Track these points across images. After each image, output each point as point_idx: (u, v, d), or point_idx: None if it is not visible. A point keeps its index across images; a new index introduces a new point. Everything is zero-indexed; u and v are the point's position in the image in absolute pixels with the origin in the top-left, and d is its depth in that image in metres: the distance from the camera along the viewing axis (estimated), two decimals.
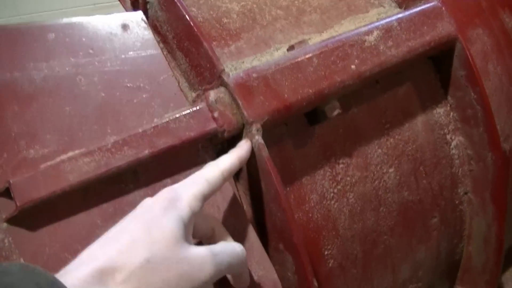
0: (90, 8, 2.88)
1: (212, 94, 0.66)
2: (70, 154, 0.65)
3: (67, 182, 0.62)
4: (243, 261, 0.58)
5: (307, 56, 0.70)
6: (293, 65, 0.69)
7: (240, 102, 0.65)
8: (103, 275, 0.47)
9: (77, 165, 0.64)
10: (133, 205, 0.66)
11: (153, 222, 0.51)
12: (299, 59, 0.69)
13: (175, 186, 0.57)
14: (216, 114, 0.65)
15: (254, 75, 0.66)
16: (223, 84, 0.66)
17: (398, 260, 0.81)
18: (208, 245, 0.54)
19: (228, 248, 0.56)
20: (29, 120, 0.67)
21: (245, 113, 0.65)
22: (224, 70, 0.66)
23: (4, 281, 0.43)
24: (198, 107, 0.65)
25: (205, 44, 0.66)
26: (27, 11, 2.80)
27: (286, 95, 0.67)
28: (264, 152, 0.65)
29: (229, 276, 0.63)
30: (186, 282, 0.50)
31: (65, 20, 0.71)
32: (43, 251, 0.64)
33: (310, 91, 0.69)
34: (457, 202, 0.87)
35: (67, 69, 0.68)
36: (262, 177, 0.66)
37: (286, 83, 0.68)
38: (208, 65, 0.67)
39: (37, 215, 0.63)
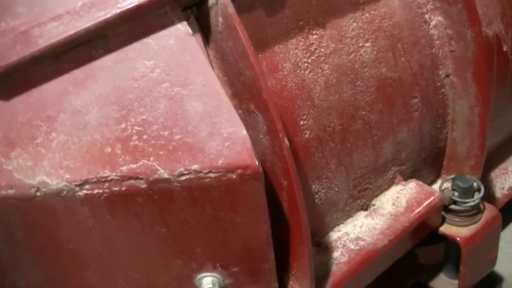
0: None
1: None
2: (40, 20, 0.65)
3: (37, 47, 0.62)
4: None
5: None
6: None
7: None
8: None
9: (46, 29, 0.63)
10: (104, 70, 0.66)
11: None
12: None
13: None
14: None
15: None
16: None
17: (378, 137, 0.80)
18: None
19: None
20: None
21: None
22: None
23: None
24: None
25: None
26: None
27: None
28: (230, 9, 0.64)
29: None
30: None
31: None
32: (16, 120, 0.65)
33: None
34: (438, 84, 0.86)
35: None
36: (230, 36, 0.66)
37: None
38: None
39: (10, 84, 0.63)
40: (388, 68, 0.80)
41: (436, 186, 0.90)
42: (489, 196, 0.98)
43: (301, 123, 0.73)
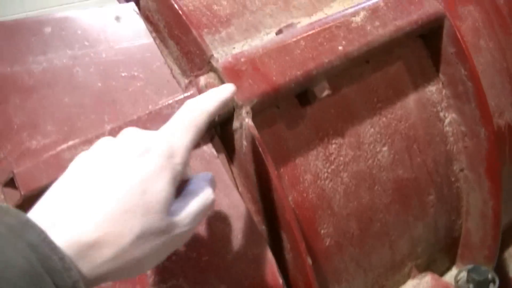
0: (96, 2, 2.80)
1: (202, 80, 0.68)
2: (70, 143, 0.68)
3: None
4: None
5: (294, 39, 0.72)
6: (281, 48, 0.71)
7: None
8: (90, 249, 0.43)
9: (77, 153, 0.65)
10: None
11: (148, 185, 0.46)
12: (286, 42, 0.71)
13: (169, 136, 0.50)
14: None
15: (242, 59, 0.68)
16: (213, 69, 0.68)
17: (395, 237, 0.83)
18: (187, 207, 0.50)
19: (205, 206, 0.51)
20: (30, 112, 0.70)
21: (234, 97, 0.67)
22: (213, 55, 0.68)
23: None
24: (189, 93, 0.67)
25: (193, 31, 0.68)
26: (34, 7, 2.77)
27: (274, 78, 0.69)
28: (255, 133, 0.67)
29: None
30: (168, 248, 0.49)
31: (60, 14, 0.74)
32: None
33: (298, 72, 0.70)
34: (453, 179, 0.88)
35: (64, 61, 0.71)
36: (254, 160, 0.68)
37: (274, 66, 0.69)
38: (197, 52, 0.69)
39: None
40: (404, 170, 0.82)
41: (450, 275, 0.93)
42: (503, 277, 1.00)
43: (322, 231, 0.76)
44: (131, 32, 0.72)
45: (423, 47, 0.87)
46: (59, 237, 0.42)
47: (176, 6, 0.69)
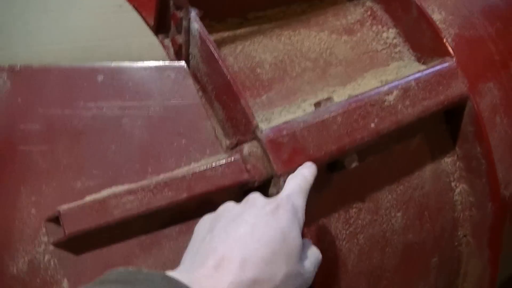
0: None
1: (246, 148, 0.73)
2: (114, 188, 0.73)
3: (112, 217, 0.70)
4: None
5: (332, 115, 0.77)
6: (319, 123, 0.76)
7: (271, 157, 0.72)
8: (252, 286, 0.52)
9: (122, 202, 0.71)
10: (169, 238, 0.74)
11: (285, 234, 0.56)
12: (324, 117, 0.76)
13: (290, 196, 0.63)
14: (249, 167, 0.72)
15: (284, 132, 0.74)
16: (256, 138, 0.73)
17: None
18: (309, 258, 0.62)
19: (317, 262, 0.64)
20: (77, 154, 0.74)
21: (274, 167, 0.72)
22: (257, 126, 0.73)
23: None
24: (233, 159, 0.72)
25: (242, 101, 0.73)
26: None
27: (311, 151, 0.74)
28: None
29: None
30: None
31: (114, 64, 0.78)
32: (85, 274, 0.73)
33: (333, 147, 0.76)
34: (456, 243, 0.95)
35: (113, 110, 0.76)
36: None
37: (312, 140, 0.75)
38: (243, 120, 0.74)
39: (81, 241, 0.71)
40: (414, 234, 0.89)
41: None
42: None
43: (334, 287, 0.82)
44: (180, 90, 0.77)
45: (443, 121, 0.93)
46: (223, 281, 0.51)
47: (227, 74, 0.74)
